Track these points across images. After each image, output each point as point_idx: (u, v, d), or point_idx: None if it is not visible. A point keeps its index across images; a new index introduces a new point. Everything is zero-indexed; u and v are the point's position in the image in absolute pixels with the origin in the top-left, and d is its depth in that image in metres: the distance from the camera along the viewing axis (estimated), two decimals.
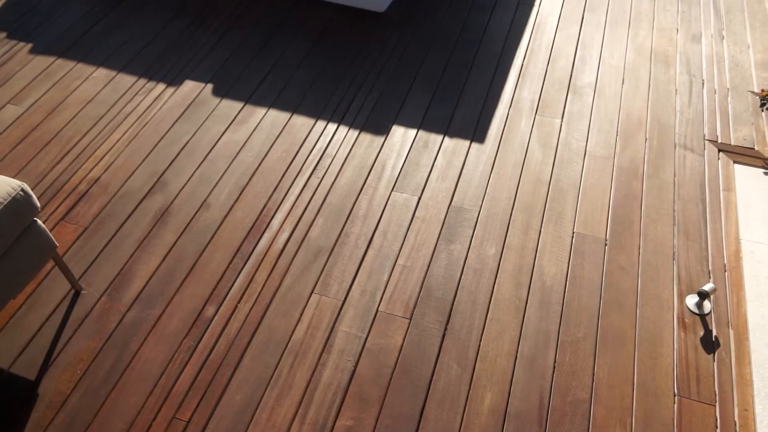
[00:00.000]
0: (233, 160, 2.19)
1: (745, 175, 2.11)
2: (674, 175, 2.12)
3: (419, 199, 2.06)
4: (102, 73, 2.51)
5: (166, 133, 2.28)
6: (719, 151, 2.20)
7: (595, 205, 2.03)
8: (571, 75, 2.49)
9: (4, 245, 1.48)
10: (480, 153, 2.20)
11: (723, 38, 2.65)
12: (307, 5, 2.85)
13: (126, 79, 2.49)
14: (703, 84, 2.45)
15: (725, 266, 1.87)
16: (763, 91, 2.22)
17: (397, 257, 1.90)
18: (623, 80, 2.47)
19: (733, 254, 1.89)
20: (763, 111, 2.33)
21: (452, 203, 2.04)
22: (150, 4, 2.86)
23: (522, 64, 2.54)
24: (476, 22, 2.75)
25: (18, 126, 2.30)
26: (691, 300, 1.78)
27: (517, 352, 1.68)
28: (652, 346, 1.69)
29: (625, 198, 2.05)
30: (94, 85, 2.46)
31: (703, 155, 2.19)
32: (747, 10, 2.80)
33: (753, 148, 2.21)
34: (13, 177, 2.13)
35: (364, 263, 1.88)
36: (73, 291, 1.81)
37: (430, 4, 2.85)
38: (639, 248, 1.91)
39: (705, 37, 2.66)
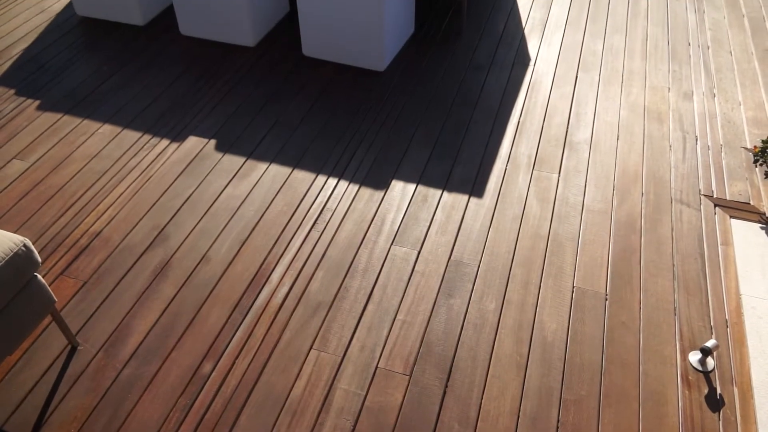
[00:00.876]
0: (234, 213, 2.21)
1: (742, 230, 2.13)
2: (672, 230, 2.13)
3: (419, 252, 2.07)
4: (107, 129, 2.57)
5: (169, 187, 2.31)
6: (715, 205, 2.22)
7: (595, 259, 2.04)
8: (566, 131, 2.55)
9: (3, 301, 1.47)
10: (479, 207, 2.23)
11: (714, 96, 2.72)
12: (309, 64, 2.94)
13: (131, 135, 2.54)
14: (696, 140, 2.50)
15: (727, 322, 1.85)
16: (755, 147, 2.26)
17: (397, 312, 1.89)
18: (618, 136, 2.52)
19: (734, 310, 1.89)
20: (756, 167, 2.37)
21: (452, 257, 2.05)
22: (156, 65, 2.95)
23: (519, 121, 2.60)
24: (473, 81, 2.83)
25: (23, 180, 2.33)
26: (694, 357, 1.76)
27: (520, 410, 1.65)
28: (657, 404, 1.66)
29: (624, 252, 2.06)
30: (100, 140, 2.51)
31: (700, 210, 2.21)
32: (737, 69, 2.88)
33: (748, 203, 2.23)
34: (16, 231, 2.14)
35: (363, 318, 1.87)
36: (69, 346, 1.79)
37: (429, 63, 2.94)
38: (640, 303, 1.90)
39: (696, 95, 2.73)
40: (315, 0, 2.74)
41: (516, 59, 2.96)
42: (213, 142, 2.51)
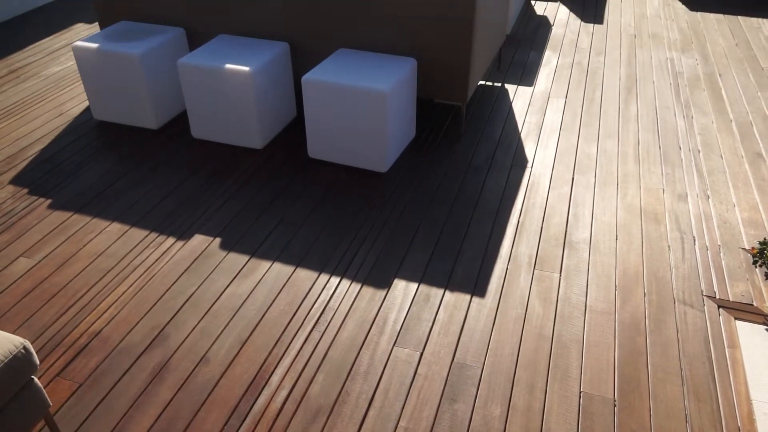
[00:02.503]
0: (236, 313, 2.20)
1: (747, 332, 2.10)
2: (677, 332, 2.11)
3: (421, 354, 2.04)
4: (115, 228, 2.62)
5: (172, 285, 2.32)
6: (719, 307, 2.22)
7: (601, 362, 2.00)
8: (566, 231, 2.59)
9: None
10: (481, 307, 2.22)
11: (708, 197, 2.79)
12: (314, 165, 3.04)
13: (137, 234, 2.58)
14: (694, 241, 2.53)
15: (739, 429, 1.79)
16: (753, 248, 2.29)
17: (399, 418, 1.83)
18: (616, 236, 2.56)
19: (746, 416, 1.83)
20: (756, 267, 2.38)
21: (455, 359, 2.02)
22: (167, 165, 3.05)
23: (518, 221, 2.65)
24: (473, 182, 2.91)
25: (27, 278, 2.35)
26: None
27: None
28: None
29: (630, 355, 2.03)
30: (107, 238, 2.55)
31: (704, 311, 2.20)
32: (728, 171, 2.97)
33: (752, 305, 2.23)
34: (17, 329, 2.13)
35: (365, 425, 1.81)
36: None
37: (429, 165, 3.05)
38: (650, 410, 1.85)
39: (691, 196, 2.80)
40: (321, 107, 2.88)
41: (514, 161, 3.07)
42: (218, 240, 2.55)
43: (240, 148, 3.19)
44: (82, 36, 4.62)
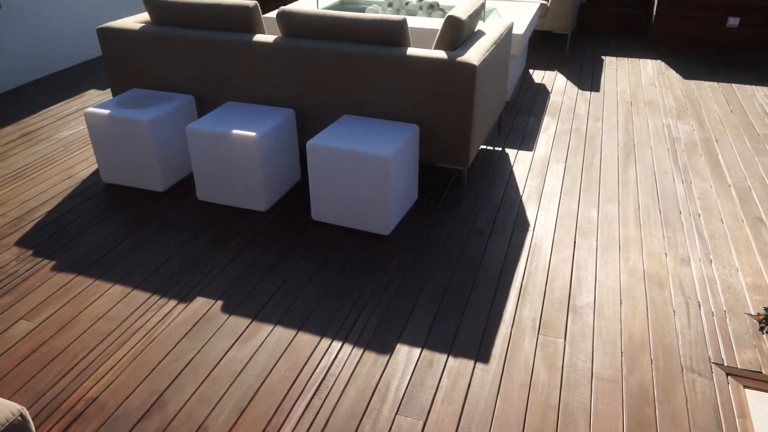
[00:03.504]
0: (236, 378, 2.16)
1: (757, 401, 2.06)
2: (686, 401, 2.07)
3: (424, 423, 1.99)
4: (117, 290, 2.62)
5: (172, 349, 2.29)
6: (727, 374, 2.18)
7: None
8: (569, 295, 2.58)
9: None
10: (485, 374, 2.18)
11: (711, 262, 2.79)
12: (317, 227, 3.07)
13: (139, 296, 2.58)
14: (699, 306, 2.51)
15: None
16: (759, 314, 2.27)
17: None
18: (621, 301, 2.54)
19: None
20: (763, 334, 2.35)
21: (459, 429, 1.97)
22: (172, 227, 3.08)
23: (521, 285, 2.64)
24: (475, 245, 2.93)
25: (27, 341, 2.33)
26: None
27: None
28: None
29: (640, 426, 1.97)
30: (108, 301, 2.55)
31: (712, 379, 2.16)
32: (729, 235, 2.99)
33: (761, 372, 2.19)
34: (14, 394, 2.09)
35: None
36: None
37: (432, 228, 3.07)
38: None
39: (693, 260, 2.80)
40: (325, 171, 2.94)
41: (515, 225, 3.09)
42: (220, 303, 2.54)
43: (244, 210, 3.23)
44: (95, 101, 4.77)
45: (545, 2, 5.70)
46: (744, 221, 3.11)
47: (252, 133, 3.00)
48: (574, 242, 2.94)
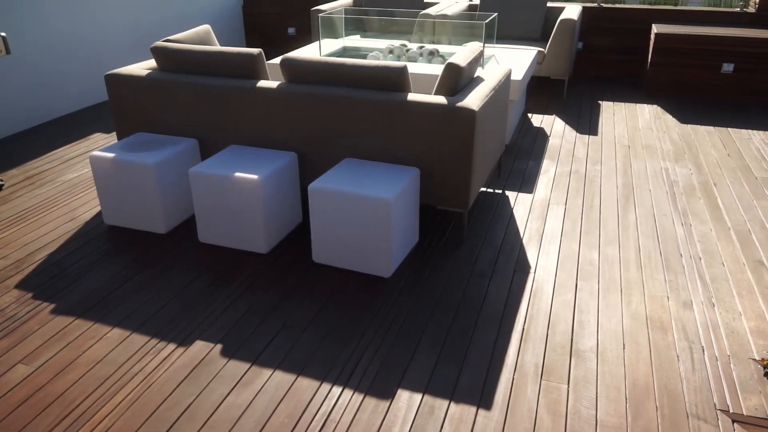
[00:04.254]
0: (234, 425, 2.13)
1: None
2: None
3: None
4: (116, 333, 2.60)
5: (170, 395, 2.26)
6: (733, 422, 2.14)
7: None
8: (571, 339, 2.56)
9: None
10: (488, 421, 2.15)
11: (714, 306, 2.77)
12: (318, 270, 3.06)
13: (138, 339, 2.56)
14: (703, 351, 2.49)
15: None
16: (763, 359, 2.25)
17: None
18: (624, 345, 2.52)
19: None
20: None
21: None
22: (173, 269, 3.08)
23: (523, 329, 2.62)
24: (476, 288, 2.92)
25: (24, 386, 2.30)
26: None
27: None
28: None
29: None
30: (107, 345, 2.53)
31: (718, 426, 2.12)
32: (731, 279, 2.98)
33: (766, 419, 2.15)
34: None
35: None
36: None
37: (433, 270, 3.07)
38: None
39: (696, 304, 2.79)
40: (326, 213, 2.96)
41: (516, 267, 3.09)
42: (219, 346, 2.52)
43: (245, 252, 3.23)
44: (100, 145, 4.84)
45: (542, 49, 5.84)
46: (745, 265, 3.11)
47: (254, 176, 3.03)
48: (576, 285, 2.94)
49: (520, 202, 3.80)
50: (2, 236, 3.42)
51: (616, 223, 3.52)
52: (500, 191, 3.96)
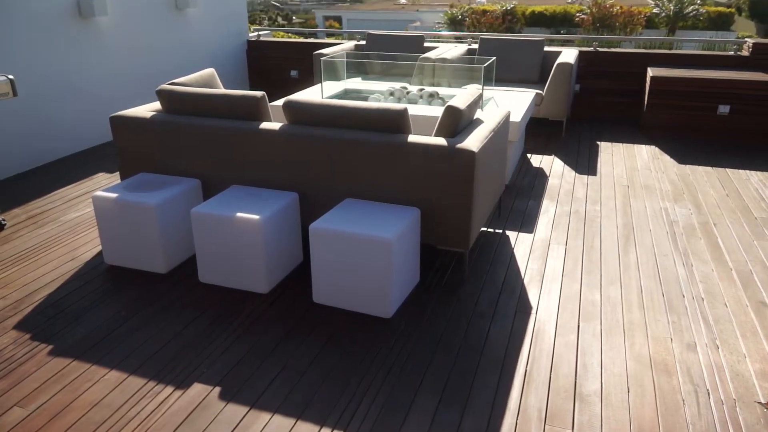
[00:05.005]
0: None
1: None
2: None
3: None
4: (114, 376, 2.56)
5: None
6: None
7: None
8: (575, 382, 2.52)
9: None
10: None
11: (718, 348, 2.74)
12: (318, 310, 3.05)
13: (136, 382, 2.52)
14: (708, 394, 2.45)
15: None
16: None
17: None
18: (628, 389, 2.48)
19: None
20: None
21: None
22: (173, 309, 3.07)
23: (525, 371, 2.59)
24: (478, 329, 2.90)
25: (19, 430, 2.26)
26: None
27: None
28: None
29: None
30: (104, 388, 2.49)
31: None
32: (734, 320, 2.96)
33: None
34: None
35: None
36: None
37: (434, 311, 3.05)
38: None
39: (699, 346, 2.76)
40: (327, 253, 2.96)
41: (518, 308, 3.07)
42: (218, 389, 2.48)
43: (246, 292, 3.22)
44: (102, 185, 4.87)
45: (540, 92, 5.95)
46: (748, 306, 3.09)
47: (255, 217, 3.05)
48: (578, 326, 2.91)
49: (520, 242, 3.80)
50: (2, 276, 3.42)
51: (617, 263, 3.52)
52: (501, 231, 3.97)
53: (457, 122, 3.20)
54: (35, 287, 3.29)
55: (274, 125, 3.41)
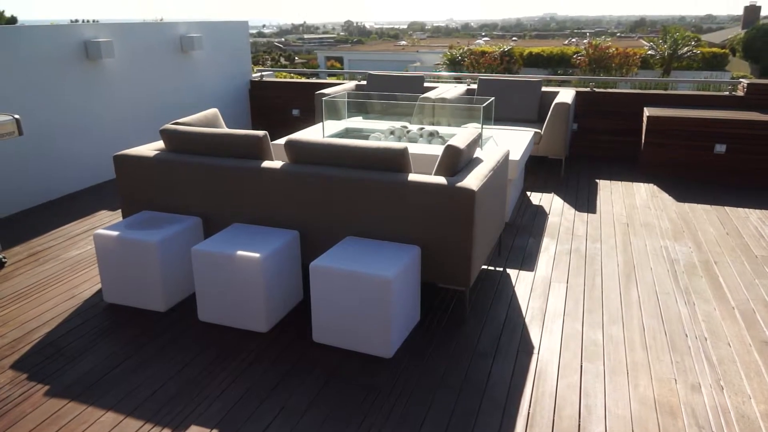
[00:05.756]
0: None
1: None
2: None
3: None
4: (110, 417, 2.53)
5: None
6: None
7: None
8: (579, 425, 2.48)
9: None
10: None
11: (722, 389, 2.71)
12: (318, 349, 3.02)
13: (133, 424, 2.48)
14: None
15: None
16: None
17: None
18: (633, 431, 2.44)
19: None
20: None
21: None
22: (171, 349, 3.04)
23: (528, 413, 2.55)
24: (479, 369, 2.86)
25: None
26: None
27: None
28: None
29: None
30: (100, 430, 2.45)
31: None
32: (738, 360, 2.93)
33: None
34: None
35: None
36: None
37: (434, 350, 3.02)
38: None
39: (704, 387, 2.72)
40: (327, 292, 2.95)
41: (520, 347, 3.04)
42: None
43: (245, 331, 3.20)
44: (104, 222, 4.89)
45: (539, 131, 6.03)
46: (751, 345, 3.07)
47: (256, 255, 3.05)
48: (581, 366, 2.88)
49: (521, 280, 3.79)
50: (1, 314, 3.40)
51: (619, 302, 3.50)
52: (501, 269, 3.97)
53: (457, 161, 3.24)
54: (34, 326, 3.27)
55: (276, 164, 3.45)
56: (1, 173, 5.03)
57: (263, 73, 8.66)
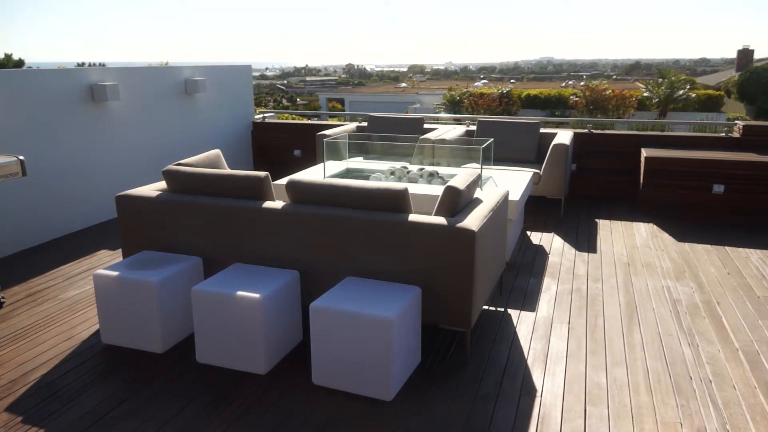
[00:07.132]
0: None
1: None
2: None
3: None
4: None
5: None
6: None
7: None
8: None
9: None
10: None
11: None
12: (317, 392, 2.97)
13: None
14: None
15: None
16: None
17: None
18: None
19: None
20: None
21: None
22: (169, 391, 2.99)
23: None
24: (481, 413, 2.81)
25: None
26: None
27: None
28: None
29: None
30: None
31: None
32: (744, 403, 2.88)
33: None
34: None
35: None
36: None
37: (435, 392, 2.97)
38: None
39: (710, 431, 2.67)
40: (327, 333, 2.93)
41: (522, 390, 3.00)
42: None
43: (243, 372, 3.15)
44: (104, 262, 4.89)
45: (538, 171, 6.08)
46: (756, 387, 3.02)
47: (255, 295, 3.04)
48: (585, 410, 2.83)
49: (522, 321, 3.76)
50: None
51: (622, 343, 3.47)
52: (503, 309, 3.94)
53: (457, 202, 3.26)
54: (30, 367, 3.23)
55: (277, 204, 3.47)
56: (2, 213, 5.05)
57: (265, 115, 8.79)
